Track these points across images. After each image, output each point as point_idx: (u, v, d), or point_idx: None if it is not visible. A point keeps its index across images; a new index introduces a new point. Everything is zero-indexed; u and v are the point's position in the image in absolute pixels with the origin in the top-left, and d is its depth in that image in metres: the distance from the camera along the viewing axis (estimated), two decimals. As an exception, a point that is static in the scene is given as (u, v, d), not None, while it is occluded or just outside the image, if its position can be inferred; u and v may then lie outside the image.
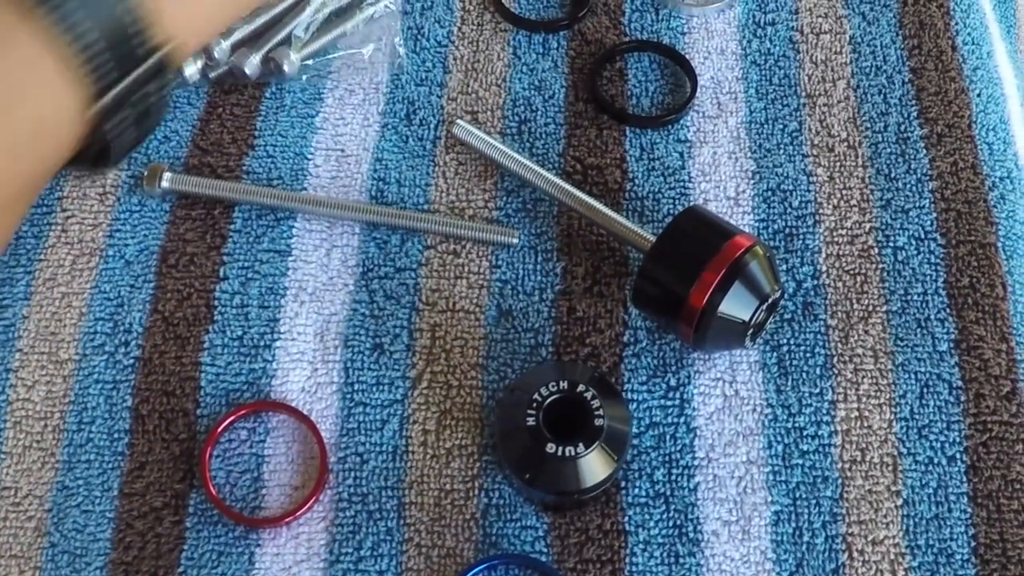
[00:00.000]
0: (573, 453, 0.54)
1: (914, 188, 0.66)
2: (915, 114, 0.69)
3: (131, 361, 0.61)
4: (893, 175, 0.67)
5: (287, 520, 0.57)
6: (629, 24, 0.73)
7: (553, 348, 0.61)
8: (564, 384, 0.55)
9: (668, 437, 0.59)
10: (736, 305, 0.56)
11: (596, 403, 0.55)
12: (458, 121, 0.66)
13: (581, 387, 0.55)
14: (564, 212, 0.65)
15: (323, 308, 0.62)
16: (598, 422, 0.54)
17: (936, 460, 0.58)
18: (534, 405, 0.55)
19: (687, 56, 0.71)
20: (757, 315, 0.57)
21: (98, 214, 0.65)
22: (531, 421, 0.54)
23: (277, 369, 0.61)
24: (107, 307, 0.62)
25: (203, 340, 0.61)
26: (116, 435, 0.59)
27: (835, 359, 0.61)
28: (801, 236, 0.65)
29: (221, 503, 0.57)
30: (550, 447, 0.54)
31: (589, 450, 0.54)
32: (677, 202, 0.66)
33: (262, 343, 0.61)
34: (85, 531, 0.57)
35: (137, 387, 0.60)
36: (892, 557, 0.56)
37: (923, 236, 0.65)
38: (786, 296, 0.62)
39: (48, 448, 0.59)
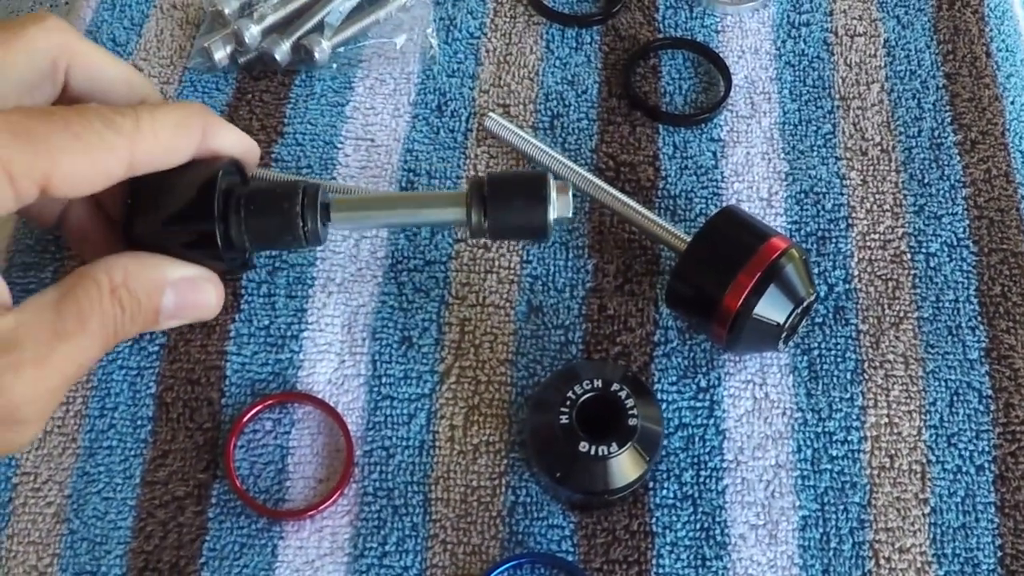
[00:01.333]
0: (606, 453, 0.53)
1: (947, 194, 0.66)
2: (949, 120, 0.69)
3: (156, 348, 0.60)
4: (926, 181, 0.66)
5: (311, 513, 0.56)
6: (663, 21, 0.73)
7: (583, 346, 0.61)
8: (599, 383, 0.55)
9: (697, 439, 0.58)
10: (771, 308, 0.55)
11: (630, 403, 0.54)
12: (490, 114, 0.65)
13: (615, 386, 0.55)
14: (596, 209, 0.65)
15: (351, 299, 0.62)
16: (632, 422, 0.54)
17: (964, 469, 0.58)
18: (568, 403, 0.54)
19: (721, 55, 0.71)
20: (791, 318, 0.56)
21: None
22: (564, 419, 0.54)
23: (304, 360, 0.60)
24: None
25: (229, 329, 0.61)
26: (139, 422, 0.59)
27: (866, 364, 0.60)
28: (834, 240, 0.64)
29: (244, 494, 0.56)
30: (583, 446, 0.53)
31: (622, 450, 0.53)
32: (710, 202, 0.65)
33: (289, 333, 0.61)
34: (105, 519, 0.56)
35: (161, 374, 0.60)
36: (918, 565, 0.56)
37: (955, 243, 0.64)
38: (819, 299, 0.62)
39: (70, 434, 0.58)
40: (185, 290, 0.48)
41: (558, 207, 0.54)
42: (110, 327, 0.45)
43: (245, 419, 0.58)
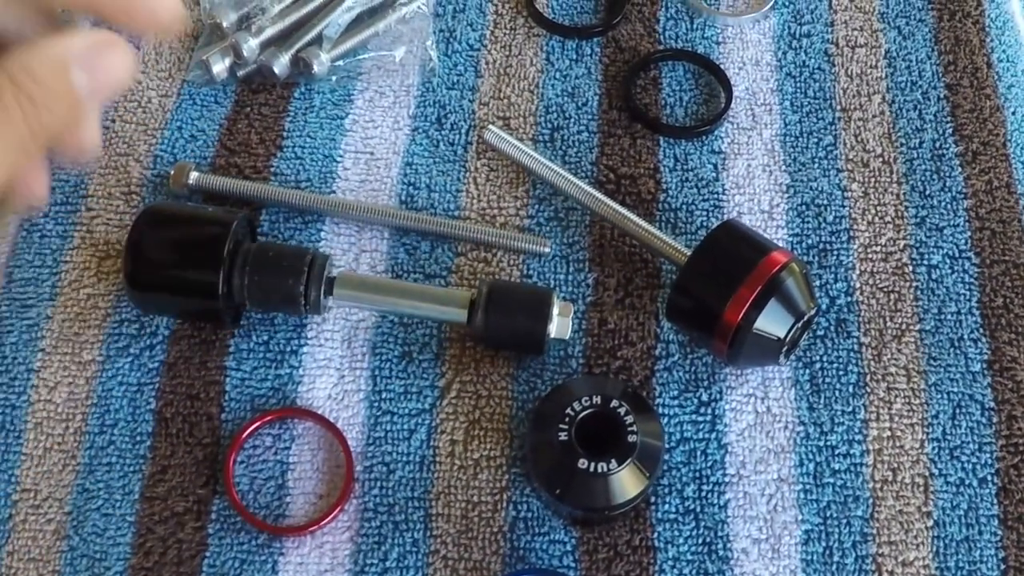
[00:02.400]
0: (605, 469, 0.53)
1: (949, 206, 0.66)
2: (950, 131, 0.68)
3: (156, 364, 0.60)
4: (928, 192, 0.66)
5: (311, 529, 0.56)
6: (663, 32, 0.73)
7: (584, 360, 0.60)
8: (597, 399, 0.55)
9: (699, 453, 0.58)
10: (772, 322, 0.55)
11: (629, 419, 0.54)
12: (490, 127, 0.65)
13: (615, 402, 0.54)
14: (596, 222, 0.65)
15: (351, 314, 0.61)
16: (631, 438, 0.54)
17: (967, 482, 0.58)
18: (567, 419, 0.54)
19: (722, 66, 0.71)
20: (792, 332, 0.56)
21: (123, 214, 0.64)
22: (563, 436, 0.54)
23: (303, 375, 0.60)
24: (133, 309, 0.61)
25: (229, 344, 0.60)
26: (139, 438, 0.58)
27: (868, 377, 0.60)
28: (835, 252, 0.64)
29: (244, 510, 0.56)
30: (582, 463, 0.53)
31: (621, 467, 0.53)
32: (711, 214, 0.65)
33: (288, 349, 0.60)
34: (105, 535, 0.56)
35: (161, 390, 0.59)
36: (922, 579, 0.56)
37: (957, 255, 0.64)
38: (820, 312, 0.62)
39: (69, 450, 0.58)
40: (93, 60, 0.41)
41: (557, 327, 0.58)
42: (22, 125, 0.39)
43: (245, 435, 0.58)
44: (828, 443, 0.58)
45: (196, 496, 0.57)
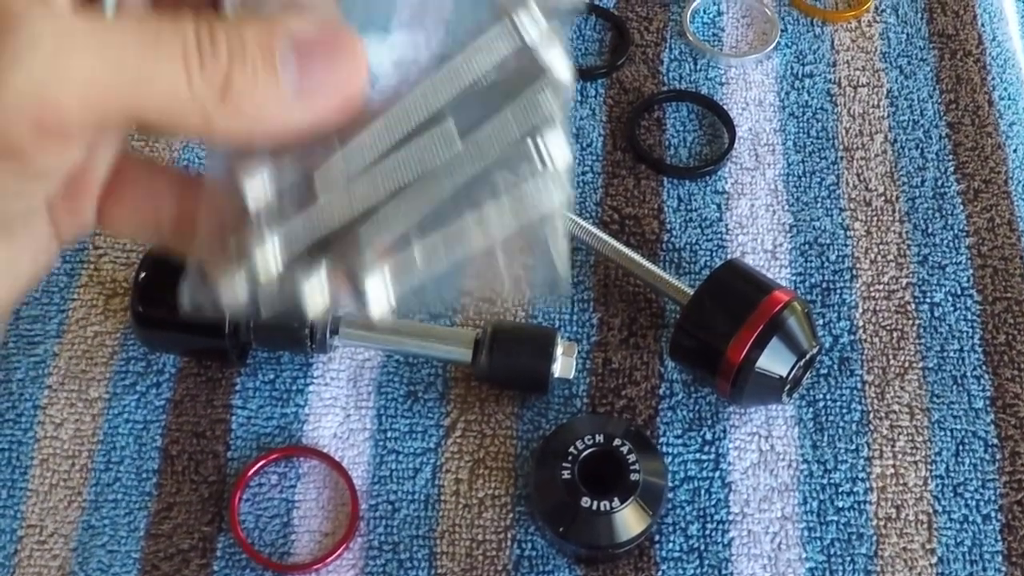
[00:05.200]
0: (608, 508, 0.53)
1: (951, 244, 0.66)
2: (952, 169, 0.69)
3: (162, 402, 0.60)
4: (930, 230, 0.66)
5: (316, 567, 0.56)
6: (667, 73, 0.73)
7: (588, 399, 0.61)
8: (600, 437, 0.55)
9: (703, 491, 0.58)
10: (774, 361, 0.56)
11: (632, 457, 0.54)
12: (495, 168, 0.65)
13: (617, 441, 0.55)
14: (601, 262, 0.65)
15: (356, 353, 0.62)
16: (634, 477, 0.54)
17: (971, 518, 0.58)
18: (569, 458, 0.54)
19: (725, 107, 0.71)
20: (795, 371, 0.56)
21: (130, 252, 0.65)
22: (566, 474, 0.54)
23: (309, 414, 0.60)
24: (140, 347, 0.61)
25: (235, 382, 0.61)
26: (144, 475, 0.59)
27: (871, 415, 0.60)
28: (838, 291, 0.64)
29: (250, 547, 0.56)
30: (585, 501, 0.53)
31: (624, 505, 0.53)
32: (714, 254, 0.65)
33: (294, 387, 0.61)
34: (110, 571, 0.56)
35: (167, 427, 0.60)
36: (927, 617, 0.56)
37: (959, 292, 0.64)
38: (823, 351, 0.62)
39: (75, 487, 0.58)
40: (313, 55, 0.31)
41: (561, 367, 0.58)
42: (192, 44, 0.30)
43: (250, 472, 0.58)
44: (832, 481, 0.59)
45: (201, 533, 0.57)
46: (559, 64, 0.34)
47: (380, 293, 0.35)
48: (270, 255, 0.34)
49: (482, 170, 0.34)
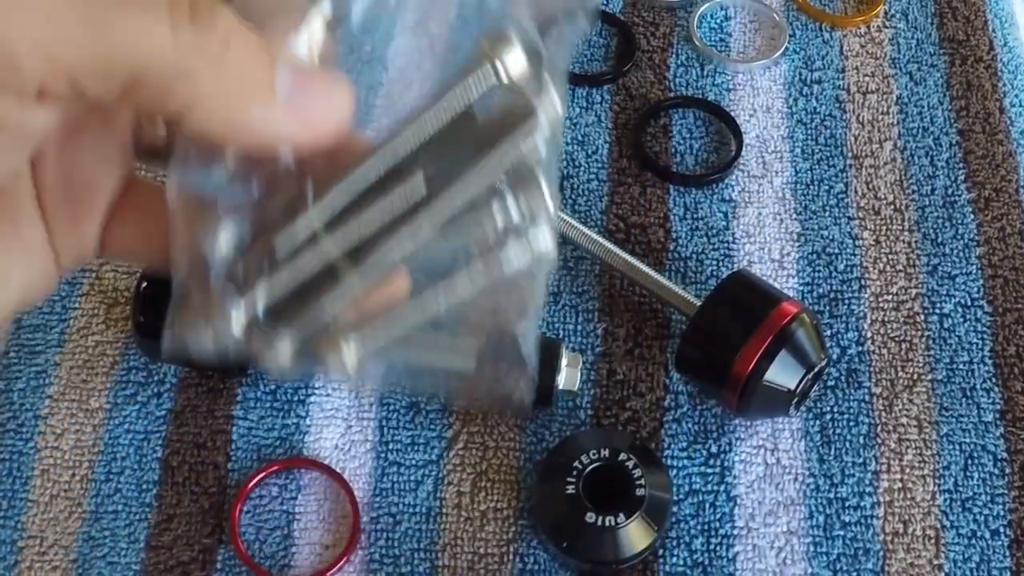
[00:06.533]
0: (613, 523, 0.53)
1: (961, 254, 0.65)
2: (962, 177, 0.68)
3: (163, 412, 0.60)
4: (940, 240, 0.66)
5: (317, 580, 0.56)
6: (674, 79, 0.73)
7: (592, 411, 0.60)
8: (605, 452, 0.54)
9: (708, 505, 0.58)
10: (782, 373, 0.55)
11: (637, 472, 0.54)
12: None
13: (622, 455, 0.54)
14: (606, 271, 0.64)
15: (359, 363, 0.61)
16: (639, 492, 0.53)
17: (979, 534, 0.57)
18: (574, 473, 0.54)
19: (732, 113, 0.70)
20: (803, 383, 0.56)
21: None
22: (571, 489, 0.53)
23: (311, 425, 0.60)
24: (141, 357, 0.61)
25: (236, 393, 0.60)
26: (145, 486, 0.58)
27: (879, 428, 0.60)
28: (846, 301, 0.64)
29: (250, 560, 0.56)
30: (589, 516, 0.53)
31: (629, 520, 0.53)
32: (721, 263, 0.65)
33: (296, 398, 0.60)
34: (110, 584, 0.56)
35: (168, 438, 0.59)
36: (934, 633, 0.55)
37: (970, 303, 0.64)
38: (830, 363, 0.61)
39: (75, 498, 0.58)
40: (304, 86, 0.32)
41: (566, 379, 0.57)
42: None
43: (251, 484, 0.58)
44: (838, 495, 0.58)
45: (202, 545, 0.57)
46: (547, 105, 0.33)
47: (343, 360, 0.35)
48: (232, 319, 0.35)
49: (453, 228, 0.34)
